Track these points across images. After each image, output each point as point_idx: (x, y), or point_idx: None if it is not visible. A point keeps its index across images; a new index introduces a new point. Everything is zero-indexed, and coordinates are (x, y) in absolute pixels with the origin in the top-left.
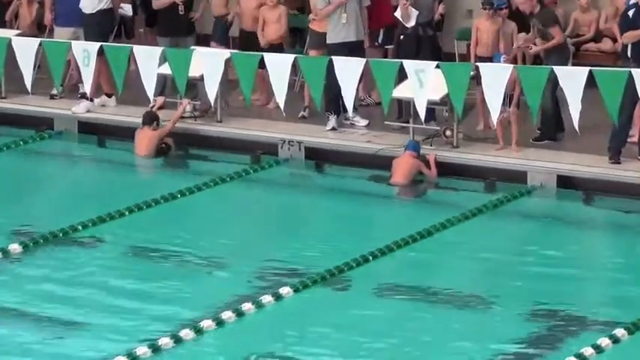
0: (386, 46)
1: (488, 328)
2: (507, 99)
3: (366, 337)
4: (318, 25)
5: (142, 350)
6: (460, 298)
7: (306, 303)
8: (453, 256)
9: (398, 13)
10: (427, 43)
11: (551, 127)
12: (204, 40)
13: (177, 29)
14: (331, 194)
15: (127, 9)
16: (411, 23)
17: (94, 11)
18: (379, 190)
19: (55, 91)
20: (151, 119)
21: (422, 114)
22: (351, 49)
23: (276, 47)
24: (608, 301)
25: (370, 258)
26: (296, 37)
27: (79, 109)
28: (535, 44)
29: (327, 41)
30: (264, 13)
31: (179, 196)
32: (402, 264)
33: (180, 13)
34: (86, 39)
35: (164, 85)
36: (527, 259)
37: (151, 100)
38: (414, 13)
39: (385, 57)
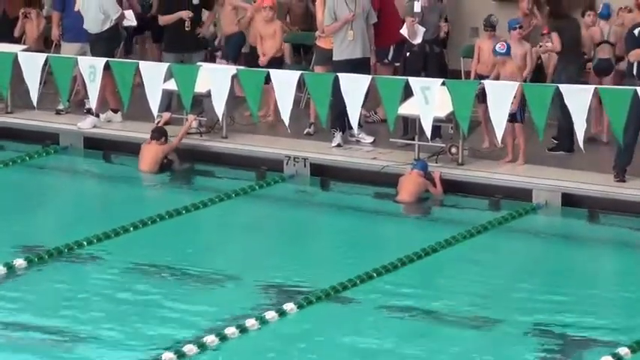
0: (396, 63)
1: (492, 347)
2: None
3: (368, 356)
4: (324, 42)
5: None
6: (463, 316)
7: (310, 320)
8: (457, 274)
9: (404, 31)
10: (434, 60)
11: (567, 137)
12: (212, 56)
13: (184, 45)
14: (336, 211)
15: (130, 17)
16: (418, 40)
17: (99, 31)
18: (384, 207)
19: (61, 107)
20: (160, 134)
21: (428, 131)
22: (357, 66)
23: (275, 61)
24: (614, 320)
25: (374, 275)
26: (301, 55)
27: (85, 124)
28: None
29: (333, 58)
30: (260, 28)
31: (184, 212)
32: (406, 281)
33: (187, 29)
34: (93, 55)
35: (170, 101)
36: (532, 278)
37: (156, 116)
38: (421, 30)
39: (395, 74)
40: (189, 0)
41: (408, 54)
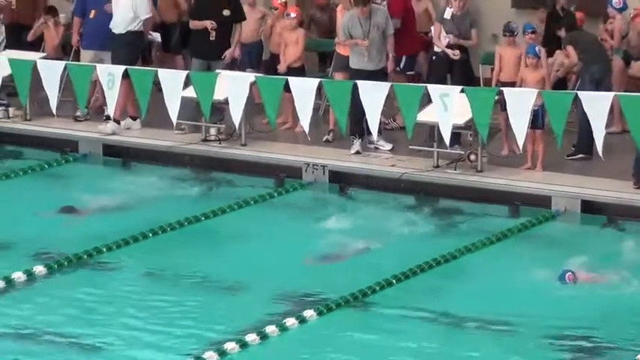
0: (407, 72)
1: (512, 355)
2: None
3: None
4: (343, 49)
5: None
6: (483, 323)
7: (331, 326)
8: (476, 281)
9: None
10: (459, 65)
11: (586, 141)
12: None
13: (208, 53)
14: (355, 218)
15: (155, 36)
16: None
17: (125, 31)
18: (403, 214)
19: (79, 113)
20: None
21: (447, 138)
22: (370, 76)
23: (296, 70)
24: (634, 328)
25: (394, 282)
26: (325, 62)
27: (106, 129)
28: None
29: (349, 64)
30: (285, 35)
31: (203, 219)
32: (425, 288)
33: (211, 39)
34: (113, 60)
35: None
36: (551, 285)
37: (174, 125)
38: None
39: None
40: (219, 10)
41: (433, 58)
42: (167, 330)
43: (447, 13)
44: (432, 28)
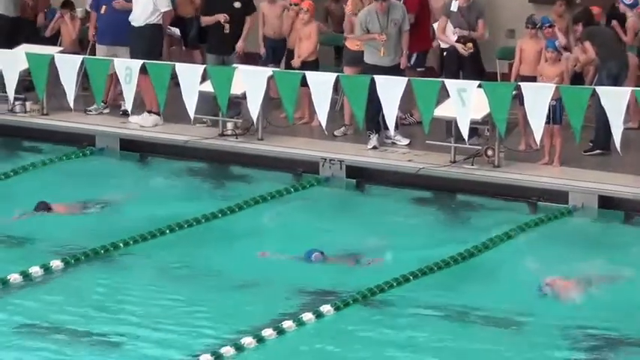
0: (418, 69)
1: (529, 352)
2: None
3: (405, 357)
4: (351, 44)
5: None
6: (500, 319)
7: (347, 321)
8: (493, 277)
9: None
10: (469, 59)
11: (603, 136)
12: (246, 57)
13: (224, 47)
14: (371, 213)
15: (174, 31)
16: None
17: (144, 24)
18: (420, 209)
19: (92, 107)
20: None
21: (465, 133)
22: (385, 72)
23: (310, 64)
24: None
25: (411, 278)
26: (341, 56)
27: (147, 121)
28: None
29: (364, 59)
30: (298, 30)
31: (220, 214)
32: (442, 284)
33: (226, 32)
34: (132, 53)
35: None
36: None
37: (192, 120)
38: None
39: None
40: (230, 3)
41: (444, 54)
42: (183, 326)
43: (454, 6)
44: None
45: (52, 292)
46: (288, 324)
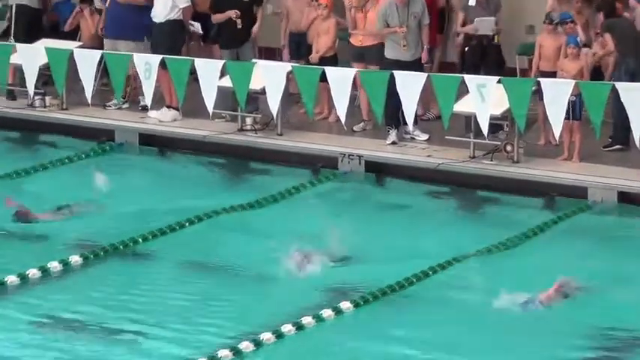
0: (425, 64)
1: (550, 349)
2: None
3: (425, 354)
4: (355, 39)
5: None
6: (519, 317)
7: (367, 318)
8: (512, 272)
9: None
10: (492, 53)
11: (622, 132)
12: (265, 53)
13: (235, 41)
14: (390, 209)
15: (196, 26)
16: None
17: (164, 20)
18: (439, 205)
19: (113, 102)
20: None
21: (484, 129)
22: (406, 66)
23: (328, 60)
24: None
25: (430, 273)
26: None
27: (166, 116)
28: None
29: (385, 55)
30: (316, 25)
31: (239, 209)
32: (461, 280)
33: (239, 27)
34: (154, 49)
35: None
36: (588, 277)
37: (210, 115)
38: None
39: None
40: None
41: (466, 49)
42: (202, 320)
43: (471, 0)
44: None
45: (71, 287)
46: (307, 320)
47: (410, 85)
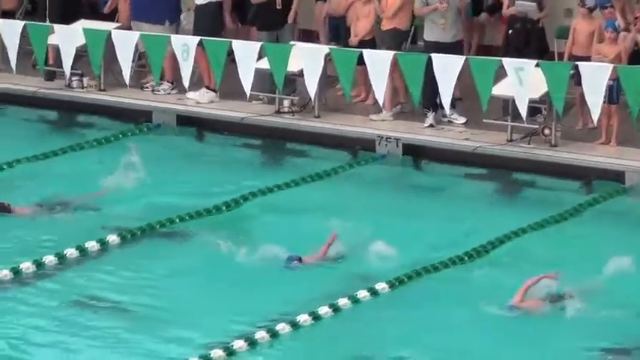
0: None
1: (578, 333)
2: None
3: (454, 340)
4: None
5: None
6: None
7: (400, 300)
8: (546, 256)
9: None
10: (535, 36)
11: None
12: (303, 35)
13: (276, 23)
14: (427, 192)
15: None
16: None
17: (206, 1)
18: (476, 188)
19: (162, 87)
20: None
21: (523, 112)
22: (446, 49)
23: (367, 43)
24: None
25: (465, 258)
26: None
27: (204, 97)
28: None
29: (424, 37)
30: (357, 8)
31: (276, 189)
32: (496, 265)
33: (278, 7)
34: (195, 31)
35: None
36: (621, 261)
37: (248, 96)
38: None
39: None
40: None
41: (510, 32)
42: (235, 302)
43: None
44: None
45: (107, 267)
46: (343, 301)
47: (448, 68)
